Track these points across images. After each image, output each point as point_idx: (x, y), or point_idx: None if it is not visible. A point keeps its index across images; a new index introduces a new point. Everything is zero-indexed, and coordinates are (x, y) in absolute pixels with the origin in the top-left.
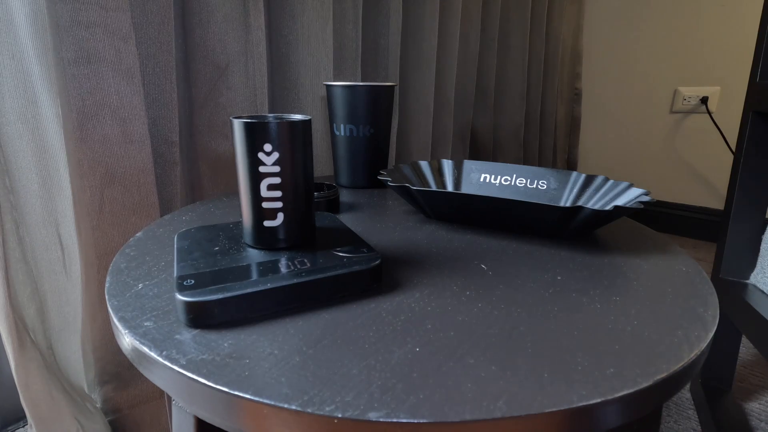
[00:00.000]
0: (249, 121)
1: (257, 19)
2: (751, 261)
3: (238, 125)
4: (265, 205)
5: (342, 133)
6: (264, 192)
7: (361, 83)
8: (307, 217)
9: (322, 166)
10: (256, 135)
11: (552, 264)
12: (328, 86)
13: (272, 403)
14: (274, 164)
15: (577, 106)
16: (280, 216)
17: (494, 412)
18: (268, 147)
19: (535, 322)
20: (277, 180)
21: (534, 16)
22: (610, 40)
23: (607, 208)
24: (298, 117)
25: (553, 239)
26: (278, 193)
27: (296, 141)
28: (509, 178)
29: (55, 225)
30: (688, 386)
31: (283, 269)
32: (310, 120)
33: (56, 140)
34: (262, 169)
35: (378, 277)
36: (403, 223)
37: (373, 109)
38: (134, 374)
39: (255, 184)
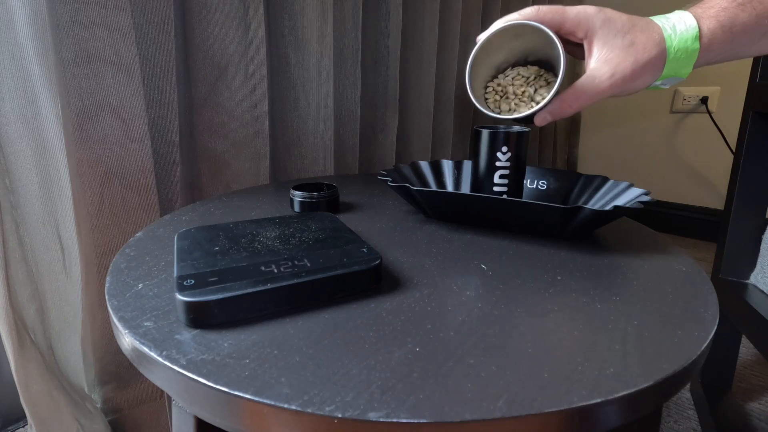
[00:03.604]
0: (492, 130)
1: (257, 19)
2: (751, 261)
3: (485, 134)
4: (495, 188)
5: None
6: (496, 179)
7: None
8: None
9: (322, 166)
10: (496, 140)
11: (552, 264)
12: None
13: (272, 403)
14: (507, 160)
15: None
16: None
17: (494, 412)
18: (504, 149)
19: (535, 322)
20: (506, 171)
21: None
22: None
23: (607, 208)
24: (524, 129)
25: (553, 239)
26: (505, 180)
27: (522, 145)
28: None
29: (55, 225)
30: (688, 386)
31: (283, 269)
32: (529, 131)
33: (56, 140)
34: (497, 163)
35: (378, 277)
36: (403, 223)
37: None
38: (134, 374)
39: (491, 173)
